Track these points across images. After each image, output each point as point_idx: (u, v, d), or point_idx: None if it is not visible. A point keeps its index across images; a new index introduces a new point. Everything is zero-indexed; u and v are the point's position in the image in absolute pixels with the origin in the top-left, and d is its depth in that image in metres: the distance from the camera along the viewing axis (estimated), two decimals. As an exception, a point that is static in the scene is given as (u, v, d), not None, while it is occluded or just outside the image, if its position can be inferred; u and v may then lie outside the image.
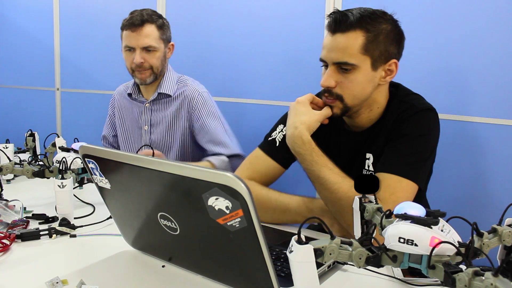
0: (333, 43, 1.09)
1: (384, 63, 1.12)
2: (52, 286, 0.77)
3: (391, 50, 1.11)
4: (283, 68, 2.02)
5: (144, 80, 1.71)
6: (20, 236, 0.98)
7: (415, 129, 1.11)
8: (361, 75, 1.09)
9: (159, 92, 1.74)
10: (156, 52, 1.69)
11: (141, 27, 1.65)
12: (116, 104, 1.90)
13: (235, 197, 0.61)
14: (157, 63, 1.70)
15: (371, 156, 1.19)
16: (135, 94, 1.81)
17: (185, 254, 0.84)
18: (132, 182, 0.80)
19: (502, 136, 1.53)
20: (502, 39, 1.51)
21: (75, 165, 1.21)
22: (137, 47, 1.66)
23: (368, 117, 1.19)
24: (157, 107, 1.78)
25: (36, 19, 2.89)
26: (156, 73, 1.72)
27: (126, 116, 1.86)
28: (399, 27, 1.14)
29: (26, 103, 3.02)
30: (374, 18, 1.09)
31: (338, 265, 0.89)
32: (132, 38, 1.66)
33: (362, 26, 1.07)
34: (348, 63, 1.08)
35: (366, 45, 1.07)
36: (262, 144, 1.30)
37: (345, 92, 1.11)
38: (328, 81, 1.11)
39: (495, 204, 1.55)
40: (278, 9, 2.01)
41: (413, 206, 0.67)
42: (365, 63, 1.09)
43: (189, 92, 1.74)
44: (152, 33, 1.67)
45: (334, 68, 1.11)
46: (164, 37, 1.73)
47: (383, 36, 1.09)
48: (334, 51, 1.09)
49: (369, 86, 1.12)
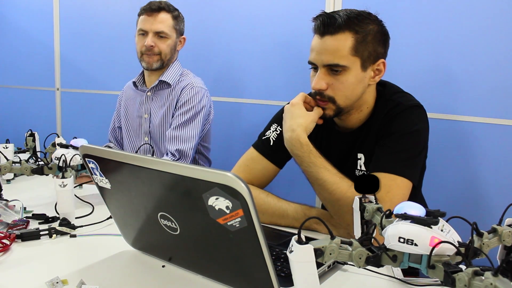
0: (323, 45, 1.10)
1: (373, 63, 1.13)
2: (52, 286, 0.77)
3: (379, 50, 1.13)
4: (280, 68, 2.02)
5: (151, 65, 1.75)
6: (20, 236, 0.98)
7: (404, 126, 1.12)
8: (352, 76, 1.10)
9: (160, 80, 1.78)
10: (168, 39, 1.75)
11: (157, 13, 1.73)
12: (123, 96, 1.96)
13: (235, 197, 0.61)
14: (166, 50, 1.76)
15: (363, 156, 1.20)
16: (139, 83, 1.86)
17: (185, 254, 0.84)
18: (132, 182, 0.80)
19: (498, 135, 1.54)
20: (494, 39, 1.52)
21: (74, 162, 1.21)
22: (150, 31, 1.73)
23: (358, 117, 1.20)
24: (157, 96, 1.81)
25: (36, 19, 2.89)
26: (163, 60, 1.76)
27: (130, 106, 1.91)
28: (384, 27, 1.15)
29: (26, 103, 3.02)
30: (361, 19, 1.10)
31: (338, 265, 0.90)
32: (147, 22, 1.73)
33: (351, 28, 1.08)
34: (339, 64, 1.09)
35: (356, 46, 1.09)
36: (256, 144, 1.30)
37: (336, 93, 1.12)
38: (320, 83, 1.11)
39: (495, 204, 1.55)
40: (276, 9, 2.01)
41: (413, 206, 0.67)
42: (355, 64, 1.10)
43: (184, 83, 1.78)
44: (166, 20, 1.74)
45: (324, 70, 1.11)
46: (178, 27, 1.79)
47: (371, 37, 1.10)
48: (324, 54, 1.10)
49: (359, 87, 1.13)
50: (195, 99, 1.74)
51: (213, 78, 2.20)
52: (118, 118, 1.98)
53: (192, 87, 1.75)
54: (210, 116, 1.86)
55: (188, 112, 1.73)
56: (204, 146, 1.90)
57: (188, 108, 1.73)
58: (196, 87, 1.76)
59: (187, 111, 1.73)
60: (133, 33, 1.81)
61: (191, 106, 1.73)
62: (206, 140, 1.90)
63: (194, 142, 1.72)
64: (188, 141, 1.71)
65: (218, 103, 2.15)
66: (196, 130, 1.73)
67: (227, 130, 2.20)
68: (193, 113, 1.73)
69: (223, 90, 2.20)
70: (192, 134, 1.72)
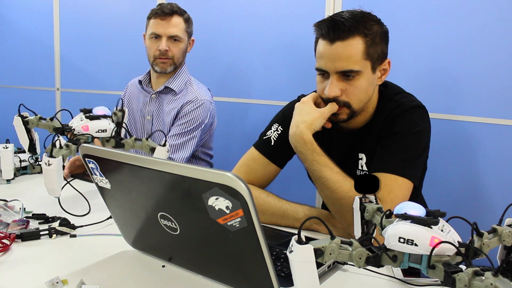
0: (334, 52, 1.08)
1: (380, 63, 1.13)
2: (52, 286, 0.77)
3: (385, 50, 1.14)
4: (283, 68, 2.02)
5: (165, 69, 1.76)
6: (20, 236, 0.98)
7: (406, 126, 1.12)
8: (364, 80, 1.10)
9: (166, 86, 1.78)
10: (181, 43, 1.76)
11: (170, 17, 1.73)
12: (127, 92, 1.96)
13: (235, 197, 0.61)
14: (179, 54, 1.77)
15: (364, 156, 1.20)
16: (145, 83, 1.86)
17: (185, 254, 0.84)
18: (132, 182, 0.80)
19: (498, 135, 1.54)
20: (495, 39, 1.52)
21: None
22: (164, 35, 1.73)
23: (363, 118, 1.20)
24: (162, 100, 1.82)
25: (36, 19, 2.89)
26: (176, 64, 1.77)
27: (133, 103, 1.91)
28: (384, 25, 1.15)
29: (26, 103, 3.02)
30: (367, 21, 1.09)
31: (338, 265, 0.89)
32: (160, 26, 1.72)
33: (360, 31, 1.08)
34: (353, 70, 1.08)
35: (367, 49, 1.08)
36: (257, 144, 1.30)
37: (351, 98, 1.11)
38: (335, 91, 1.10)
39: (495, 204, 1.55)
40: (280, 9, 2.01)
41: (413, 206, 0.67)
42: (367, 67, 1.10)
43: (188, 95, 1.77)
44: (179, 24, 1.75)
45: (337, 76, 1.10)
46: (189, 30, 1.80)
47: (378, 38, 1.10)
48: (337, 60, 1.08)
49: (371, 89, 1.14)
50: (196, 113, 1.73)
51: (217, 78, 2.20)
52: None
53: (195, 101, 1.74)
54: (212, 126, 1.86)
55: (187, 124, 1.73)
56: (205, 153, 1.90)
57: (188, 120, 1.73)
58: (200, 101, 1.74)
59: (186, 123, 1.73)
60: (133, 33, 1.82)
61: (191, 119, 1.73)
62: (207, 146, 1.90)
63: (187, 153, 1.72)
64: (182, 151, 1.71)
65: (219, 103, 2.15)
66: (193, 142, 1.73)
67: (229, 130, 2.20)
68: (192, 127, 1.73)
69: (226, 90, 2.20)
70: (187, 146, 1.72)
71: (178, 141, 1.71)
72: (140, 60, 2.43)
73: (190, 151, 1.73)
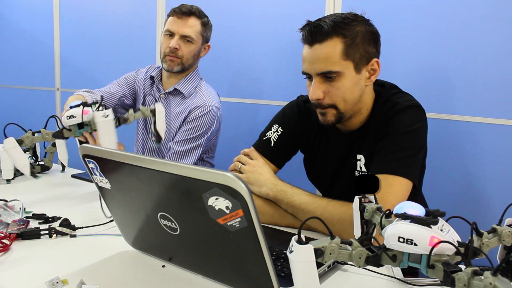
0: (313, 54, 1.10)
1: (366, 64, 1.13)
2: (52, 286, 0.77)
3: (370, 50, 1.13)
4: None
5: (172, 68, 1.74)
6: (20, 234, 0.98)
7: (401, 125, 1.12)
8: (347, 80, 1.11)
9: (175, 88, 1.77)
10: (192, 44, 1.74)
11: (187, 17, 1.72)
12: (136, 80, 1.90)
13: (235, 197, 0.61)
14: (189, 55, 1.74)
15: (362, 157, 1.20)
16: (157, 80, 1.84)
17: (185, 254, 0.84)
18: (132, 182, 0.80)
19: (497, 135, 1.54)
20: (492, 39, 1.52)
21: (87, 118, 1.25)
22: (177, 34, 1.72)
23: (359, 120, 1.20)
24: (170, 101, 1.80)
25: (36, 19, 2.89)
26: (184, 65, 1.75)
27: (139, 87, 1.88)
28: (372, 26, 1.15)
29: (26, 103, 3.02)
30: (347, 22, 1.10)
31: (338, 265, 0.90)
32: (175, 24, 1.72)
33: (338, 33, 1.08)
34: (332, 71, 1.09)
35: (346, 50, 1.09)
36: (257, 144, 1.30)
37: (335, 100, 1.13)
38: (317, 93, 1.12)
39: (495, 204, 1.56)
40: (282, 10, 2.01)
41: (412, 206, 0.67)
42: (349, 68, 1.10)
43: (197, 101, 1.74)
44: (195, 25, 1.73)
45: (318, 79, 1.12)
46: (205, 34, 1.78)
47: (360, 38, 1.10)
48: (316, 62, 1.10)
49: (356, 90, 1.13)
50: (203, 120, 1.71)
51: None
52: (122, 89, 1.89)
53: (203, 107, 1.71)
54: (218, 132, 1.85)
55: (193, 130, 1.71)
56: (209, 155, 1.89)
57: (194, 126, 1.71)
58: (208, 107, 1.72)
59: (192, 129, 1.71)
60: (133, 33, 1.81)
61: (197, 126, 1.71)
62: (211, 151, 1.89)
63: (192, 159, 1.71)
64: (187, 157, 1.70)
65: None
66: (198, 150, 1.72)
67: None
68: (198, 133, 1.71)
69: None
70: (192, 154, 1.71)
71: (183, 148, 1.70)
72: (140, 60, 2.44)
73: (194, 159, 1.71)
